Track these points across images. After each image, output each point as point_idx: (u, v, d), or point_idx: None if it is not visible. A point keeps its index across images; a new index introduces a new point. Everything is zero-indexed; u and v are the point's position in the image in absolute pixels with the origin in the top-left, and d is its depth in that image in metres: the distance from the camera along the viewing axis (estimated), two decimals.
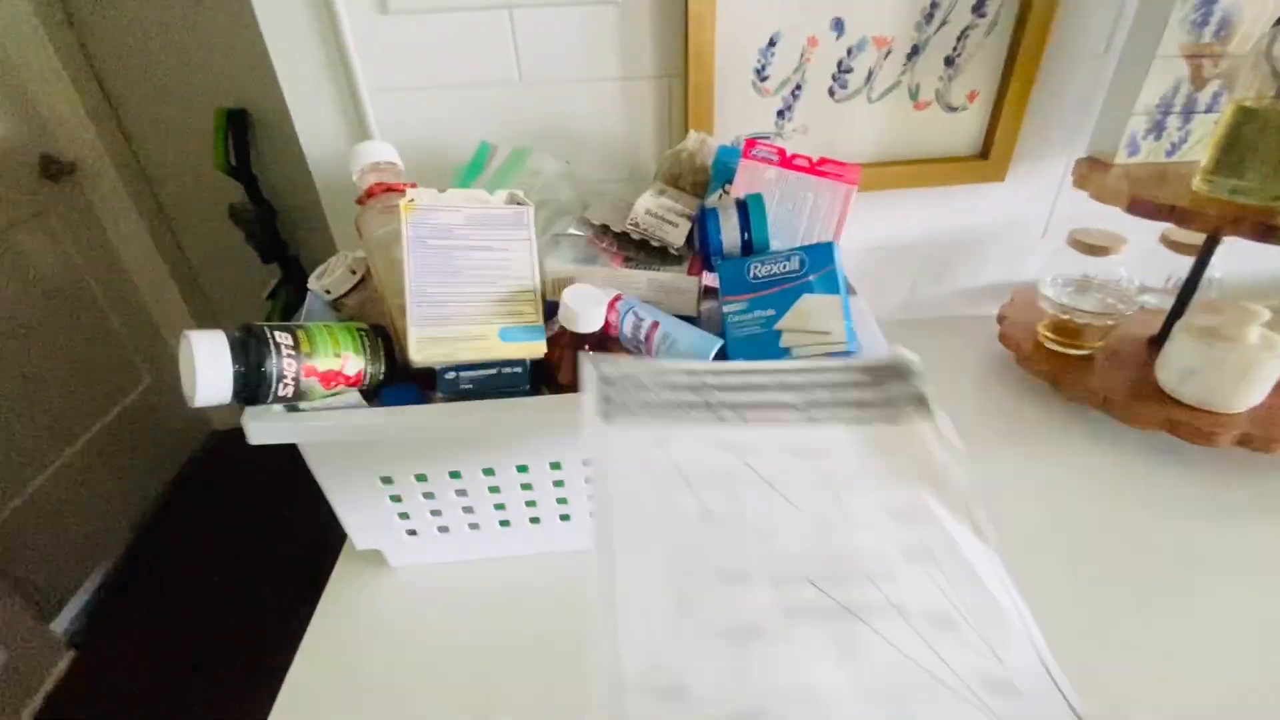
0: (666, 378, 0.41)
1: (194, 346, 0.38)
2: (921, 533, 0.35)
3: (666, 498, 0.36)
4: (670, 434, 0.39)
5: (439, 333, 0.45)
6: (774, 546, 0.35)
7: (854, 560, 0.34)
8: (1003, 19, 0.68)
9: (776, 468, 0.38)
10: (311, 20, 0.65)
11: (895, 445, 0.39)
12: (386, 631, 0.52)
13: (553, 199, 0.58)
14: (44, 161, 1.48)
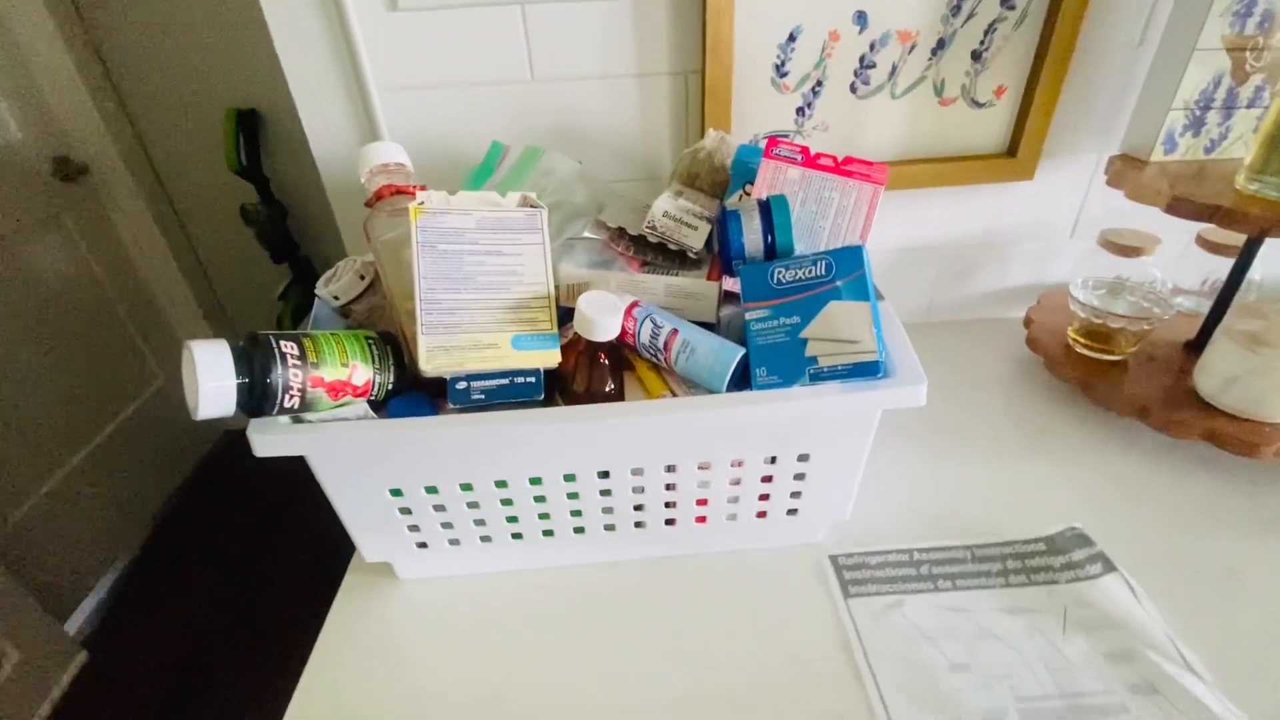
0: (888, 557, 0.54)
1: (196, 357, 0.36)
2: (1140, 670, 0.44)
3: (915, 651, 0.46)
4: (902, 600, 0.50)
5: (449, 341, 0.43)
6: (1014, 687, 0.44)
7: (1087, 696, 0.43)
8: (1033, 11, 0.65)
9: (996, 623, 0.48)
10: (320, 18, 0.63)
11: (1091, 599, 0.49)
12: (396, 645, 0.50)
13: (567, 200, 0.56)
14: (58, 163, 1.48)
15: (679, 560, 0.54)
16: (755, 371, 0.44)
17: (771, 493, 0.50)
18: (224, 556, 1.64)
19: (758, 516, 0.52)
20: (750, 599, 0.52)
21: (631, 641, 0.49)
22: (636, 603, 0.52)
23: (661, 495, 0.50)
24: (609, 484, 0.48)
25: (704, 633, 0.49)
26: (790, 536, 0.55)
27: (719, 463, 0.48)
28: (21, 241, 1.39)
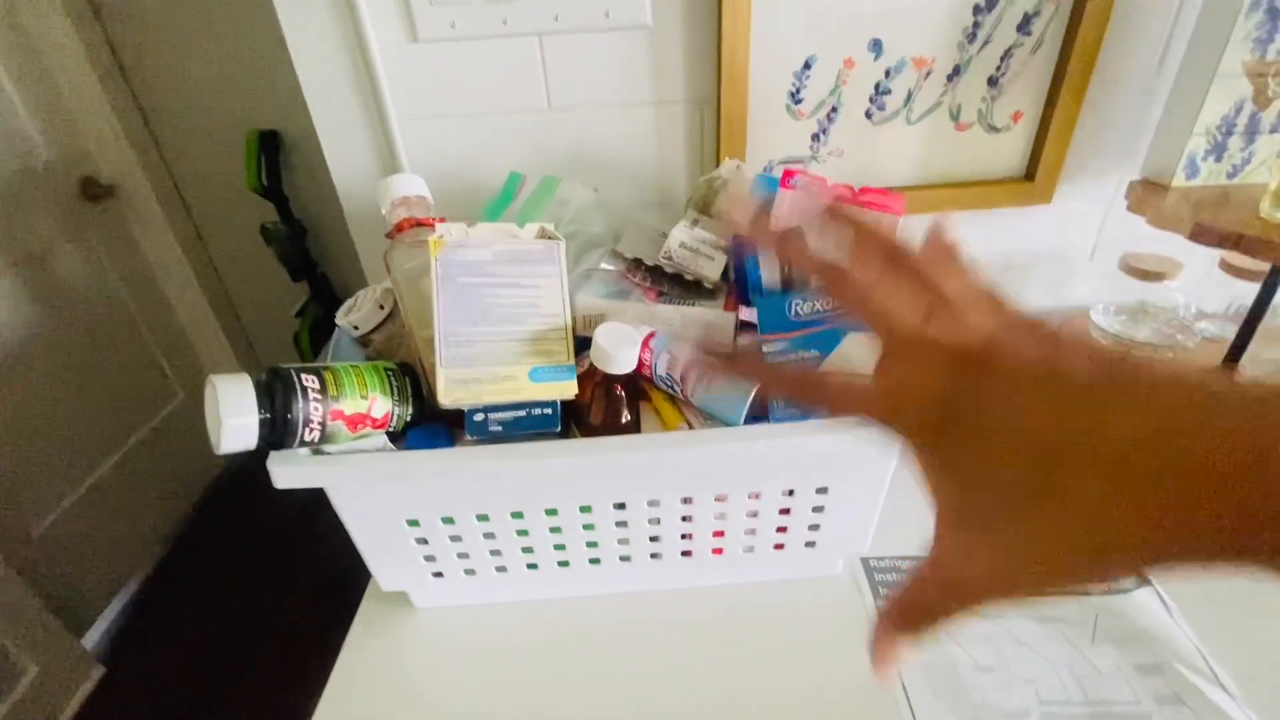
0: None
1: (219, 393, 0.37)
2: (1167, 682, 0.44)
3: (943, 652, 0.47)
4: None
5: (467, 374, 0.44)
6: (1039, 691, 0.45)
7: (1112, 704, 0.44)
8: (1049, 37, 0.65)
9: (1024, 630, 0.48)
10: (342, 49, 0.65)
11: (1123, 611, 0.49)
12: (411, 673, 0.50)
13: (583, 229, 0.57)
14: (84, 184, 1.51)
15: (696, 592, 0.54)
16: (773, 404, 0.44)
17: (789, 525, 0.50)
18: (240, 573, 1.65)
19: (775, 549, 0.52)
20: (773, 614, 0.52)
21: (649, 671, 0.49)
22: (653, 633, 0.51)
23: (678, 527, 0.49)
24: (625, 515, 0.48)
25: (725, 651, 0.49)
26: (808, 569, 0.54)
27: (736, 495, 0.47)
28: (49, 259, 1.42)
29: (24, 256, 1.36)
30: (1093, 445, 0.16)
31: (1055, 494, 0.17)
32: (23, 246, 1.36)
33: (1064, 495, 0.16)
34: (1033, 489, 0.17)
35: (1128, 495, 0.16)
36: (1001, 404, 0.18)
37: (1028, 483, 0.17)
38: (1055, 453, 0.17)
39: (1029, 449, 0.17)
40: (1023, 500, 0.17)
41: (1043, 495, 0.17)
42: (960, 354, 0.20)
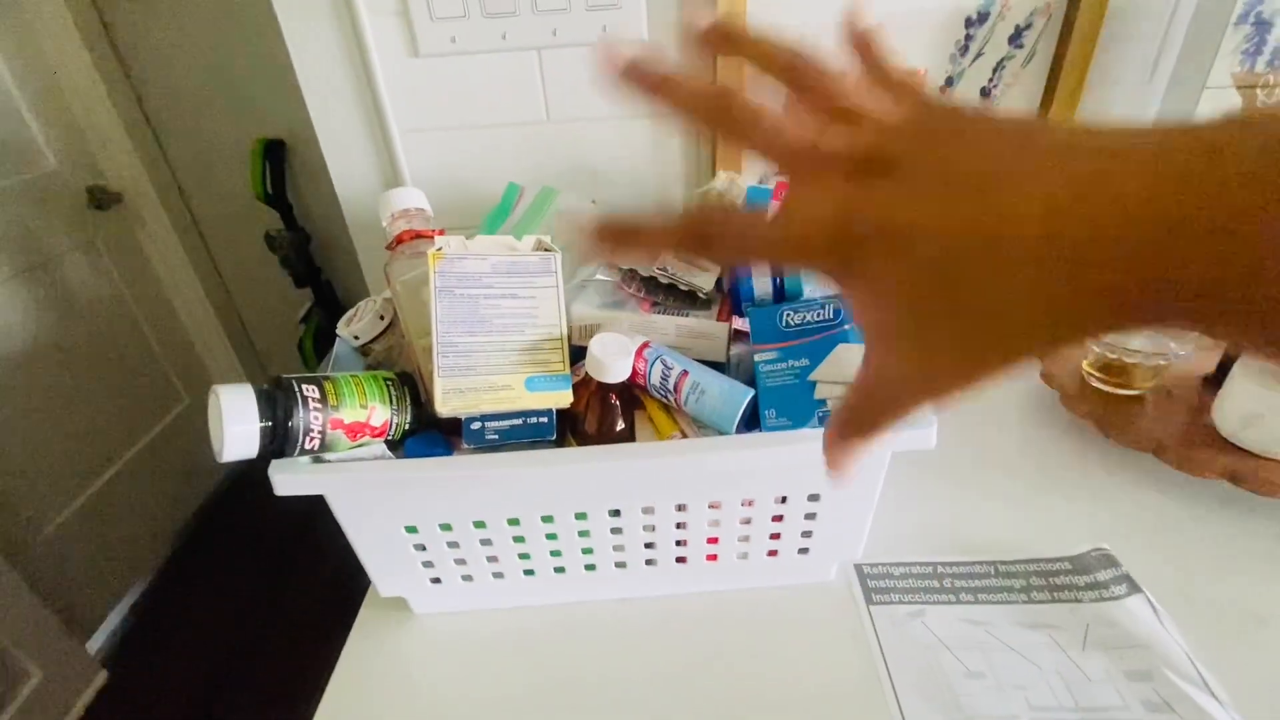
0: (912, 569, 0.55)
1: (222, 402, 0.38)
2: (1157, 689, 0.45)
3: (934, 659, 0.48)
4: (923, 610, 0.51)
5: (464, 383, 0.45)
6: (1029, 698, 0.45)
7: (1101, 711, 0.44)
8: (1041, 50, 0.66)
9: (1015, 637, 0.49)
10: (344, 64, 0.66)
11: (1114, 618, 0.50)
12: (410, 678, 0.51)
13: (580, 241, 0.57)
14: (92, 192, 1.54)
15: (691, 597, 0.55)
16: (765, 413, 0.45)
17: (783, 532, 0.51)
18: (243, 578, 1.66)
19: (769, 555, 0.52)
20: (768, 620, 0.52)
21: (645, 676, 0.49)
22: (649, 638, 0.52)
23: (672, 534, 0.50)
24: (620, 523, 0.49)
25: (721, 657, 0.50)
26: (802, 575, 0.54)
27: (729, 503, 0.48)
28: (57, 266, 1.44)
29: (32, 263, 1.38)
30: (985, 243, 0.16)
31: (959, 297, 0.17)
32: (31, 254, 1.38)
33: (967, 296, 0.17)
34: (938, 296, 0.17)
35: (1021, 284, 0.16)
36: (899, 213, 0.17)
37: (933, 291, 0.17)
38: (952, 257, 0.17)
39: (928, 258, 0.17)
40: (932, 308, 0.17)
41: (948, 300, 0.17)
42: (855, 163, 0.19)
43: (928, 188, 0.17)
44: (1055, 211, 0.15)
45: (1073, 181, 0.15)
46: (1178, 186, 0.14)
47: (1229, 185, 0.14)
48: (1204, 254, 0.14)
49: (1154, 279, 0.14)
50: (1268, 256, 0.13)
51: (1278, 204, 0.13)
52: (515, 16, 0.63)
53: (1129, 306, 0.15)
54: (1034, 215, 0.15)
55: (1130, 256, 0.14)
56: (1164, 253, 0.14)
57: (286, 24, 0.64)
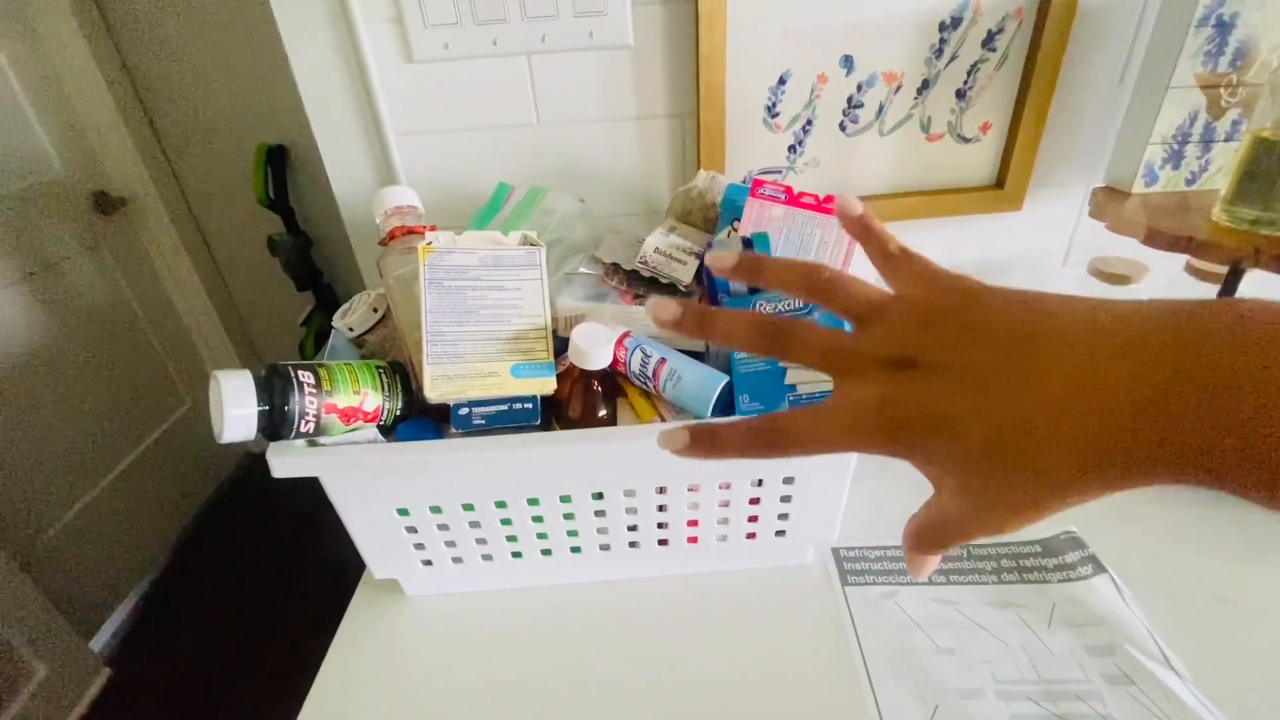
0: (887, 553, 0.57)
1: (222, 387, 0.40)
2: (1118, 663, 0.47)
3: (905, 637, 0.50)
4: (896, 591, 0.54)
5: (453, 370, 0.47)
6: (994, 672, 0.47)
7: (1063, 683, 0.46)
8: (1013, 53, 0.69)
9: (984, 615, 0.51)
10: (341, 69, 0.69)
11: (1079, 597, 0.52)
12: (401, 659, 0.53)
13: (566, 237, 0.60)
14: (97, 197, 1.57)
15: (674, 579, 0.57)
16: (739, 398, 0.47)
17: (760, 515, 0.53)
18: (246, 576, 1.68)
19: (747, 538, 0.54)
20: (747, 601, 0.54)
21: (628, 655, 0.51)
22: (633, 619, 0.54)
23: (654, 516, 0.52)
24: (603, 505, 0.51)
25: (702, 636, 0.52)
26: (780, 558, 0.56)
27: (707, 485, 0.50)
28: (62, 270, 1.47)
29: (38, 267, 1.41)
30: (1016, 429, 0.20)
31: (1002, 466, 0.20)
32: (37, 258, 1.41)
33: (1008, 465, 0.20)
34: (983, 466, 0.21)
35: (1051, 458, 0.19)
36: (937, 406, 0.21)
37: (978, 462, 0.21)
38: (991, 439, 0.20)
39: (971, 440, 0.21)
40: (981, 474, 0.21)
41: (993, 468, 0.21)
42: (886, 362, 0.22)
43: (958, 382, 0.21)
44: (1062, 408, 0.19)
45: (1072, 379, 0.19)
46: (1184, 362, 0.17)
47: (1224, 351, 0.17)
48: (1208, 414, 0.17)
49: (1158, 451, 0.18)
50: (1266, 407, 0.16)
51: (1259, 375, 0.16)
52: (505, 23, 0.65)
53: (1150, 467, 0.18)
54: (1045, 410, 0.19)
55: (1141, 426, 0.18)
56: (1169, 418, 0.17)
57: (286, 32, 0.67)
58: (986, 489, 0.21)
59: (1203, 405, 0.17)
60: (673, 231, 0.57)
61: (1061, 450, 0.19)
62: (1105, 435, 0.18)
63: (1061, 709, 0.44)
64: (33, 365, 1.38)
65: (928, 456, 0.22)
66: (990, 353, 0.21)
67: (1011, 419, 0.20)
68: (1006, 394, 0.20)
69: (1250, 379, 0.16)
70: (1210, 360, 0.17)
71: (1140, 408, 0.18)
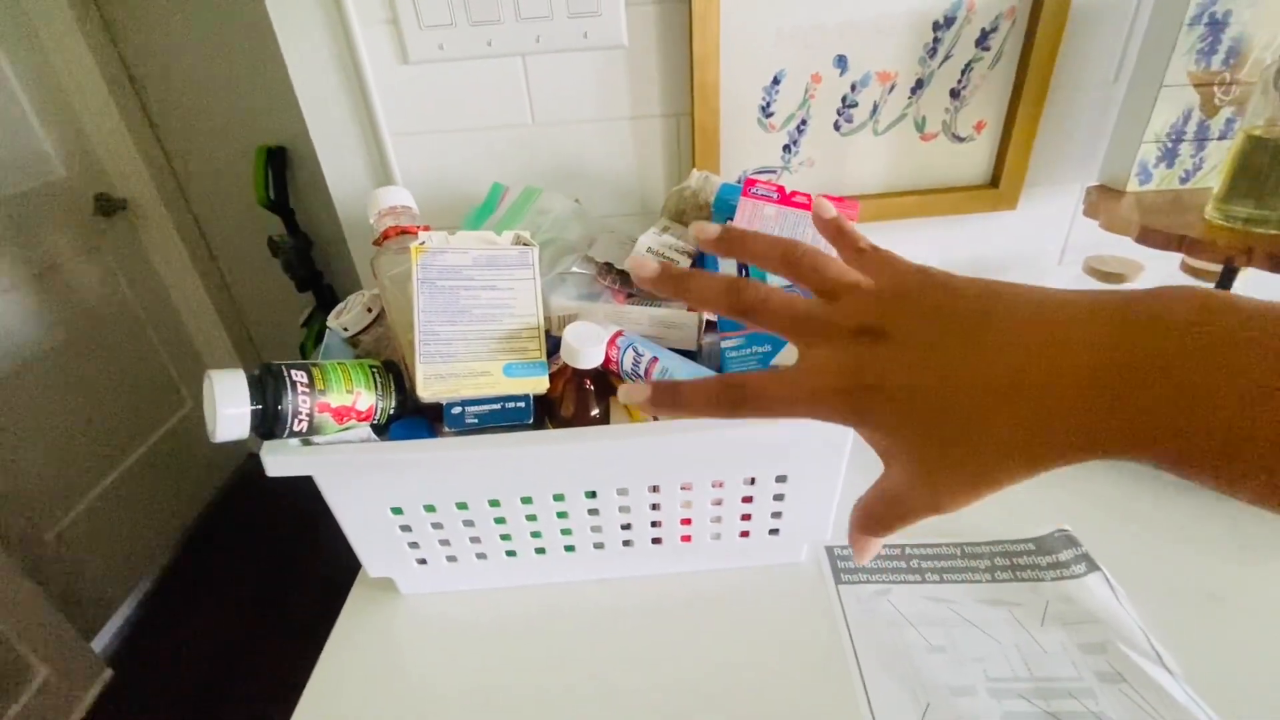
0: (881, 551, 0.56)
1: (215, 386, 0.40)
2: (1110, 660, 0.47)
3: (898, 635, 0.50)
4: (889, 589, 0.54)
5: (445, 369, 0.47)
6: (986, 670, 0.47)
7: (1055, 681, 0.46)
8: (1007, 51, 0.69)
9: (977, 613, 0.51)
10: (338, 71, 0.69)
11: (1072, 595, 0.52)
12: (396, 658, 0.53)
13: (560, 237, 0.60)
14: (99, 199, 1.57)
15: (667, 578, 0.57)
16: None
17: (753, 513, 0.53)
18: (247, 577, 1.69)
19: (741, 536, 0.55)
20: (741, 600, 0.54)
21: (622, 654, 0.51)
22: (627, 618, 0.54)
23: (647, 515, 0.52)
24: (596, 504, 0.51)
25: (696, 635, 0.52)
26: (773, 556, 0.57)
27: (700, 483, 0.50)
28: (64, 272, 1.48)
29: (40, 269, 1.42)
30: (968, 396, 0.21)
31: (951, 436, 0.21)
32: (39, 259, 1.41)
33: (957, 436, 0.21)
34: (935, 436, 0.22)
35: (1000, 426, 0.20)
36: (898, 375, 0.22)
37: (930, 432, 0.22)
38: (943, 407, 0.21)
39: (925, 408, 0.22)
40: (931, 445, 0.22)
41: (943, 439, 0.21)
42: (853, 331, 0.23)
43: (918, 355, 0.22)
44: (1014, 382, 0.20)
45: (1023, 356, 0.20)
46: (1128, 343, 0.18)
47: (1171, 338, 0.18)
48: (1152, 395, 0.18)
49: (1105, 419, 0.18)
50: (1216, 391, 0.17)
51: (1220, 351, 0.17)
52: (500, 24, 0.66)
53: (1093, 442, 0.19)
54: (998, 383, 0.20)
55: (1085, 401, 0.19)
56: (1113, 396, 0.18)
57: (281, 34, 0.67)
58: (938, 459, 0.22)
59: (1143, 389, 0.18)
60: (666, 231, 0.58)
61: (1012, 420, 0.20)
62: (1052, 411, 0.19)
63: (1054, 707, 0.44)
64: (34, 366, 1.38)
65: (884, 425, 0.23)
66: (950, 330, 0.22)
67: (967, 389, 0.21)
68: (963, 366, 0.21)
69: (1178, 371, 0.17)
70: (1149, 349, 0.18)
71: (1084, 387, 0.19)
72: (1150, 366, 0.18)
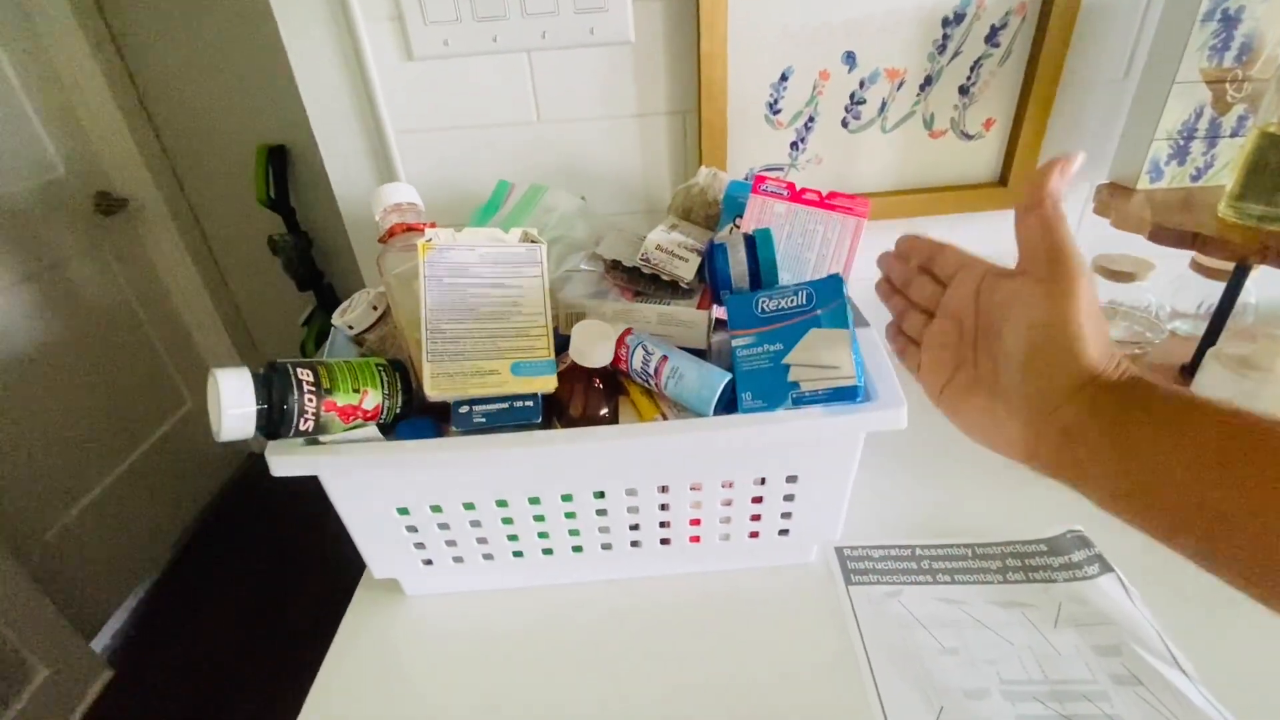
0: (891, 552, 0.57)
1: (220, 385, 0.40)
2: (1125, 662, 0.46)
3: (909, 636, 0.49)
4: (900, 590, 0.53)
5: (452, 368, 0.46)
6: (1000, 672, 0.47)
7: (1070, 684, 0.45)
8: (1017, 48, 0.68)
9: (989, 615, 0.51)
10: (341, 68, 0.68)
11: (1086, 596, 0.51)
12: (401, 659, 0.52)
13: (567, 234, 0.59)
14: (99, 198, 1.57)
15: (676, 579, 0.56)
16: (741, 396, 0.46)
17: (762, 513, 0.52)
18: (248, 577, 1.68)
19: (750, 536, 0.54)
20: (750, 601, 0.54)
21: (630, 656, 0.51)
22: (635, 619, 0.54)
23: (656, 515, 0.52)
24: (604, 504, 0.50)
25: (705, 636, 0.51)
26: (783, 556, 0.56)
27: (709, 483, 0.50)
28: (64, 270, 1.47)
29: (40, 268, 1.41)
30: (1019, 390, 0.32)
31: (999, 421, 0.34)
32: (39, 258, 1.41)
33: (1007, 423, 0.34)
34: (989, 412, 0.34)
35: (1015, 426, 0.34)
36: (983, 365, 0.34)
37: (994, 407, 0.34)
38: (999, 391, 0.33)
39: (989, 390, 0.34)
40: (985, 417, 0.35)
41: (994, 418, 0.34)
42: (960, 333, 0.36)
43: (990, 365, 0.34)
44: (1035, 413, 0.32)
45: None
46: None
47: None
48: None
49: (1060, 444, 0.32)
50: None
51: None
52: (505, 20, 0.65)
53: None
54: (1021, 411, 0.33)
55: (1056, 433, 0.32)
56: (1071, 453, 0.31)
57: (285, 30, 0.67)
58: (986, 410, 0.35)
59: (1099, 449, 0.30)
60: (674, 229, 0.57)
61: (1022, 420, 0.33)
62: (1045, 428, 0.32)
63: (1068, 710, 0.44)
64: (34, 365, 1.37)
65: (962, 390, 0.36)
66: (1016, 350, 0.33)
67: (1020, 389, 0.33)
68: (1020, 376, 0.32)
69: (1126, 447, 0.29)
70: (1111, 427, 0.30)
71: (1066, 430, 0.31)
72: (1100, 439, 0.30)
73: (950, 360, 0.35)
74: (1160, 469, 0.28)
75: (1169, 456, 0.27)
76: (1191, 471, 0.27)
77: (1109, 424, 0.29)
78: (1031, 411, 0.32)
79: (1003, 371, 0.32)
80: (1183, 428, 0.27)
